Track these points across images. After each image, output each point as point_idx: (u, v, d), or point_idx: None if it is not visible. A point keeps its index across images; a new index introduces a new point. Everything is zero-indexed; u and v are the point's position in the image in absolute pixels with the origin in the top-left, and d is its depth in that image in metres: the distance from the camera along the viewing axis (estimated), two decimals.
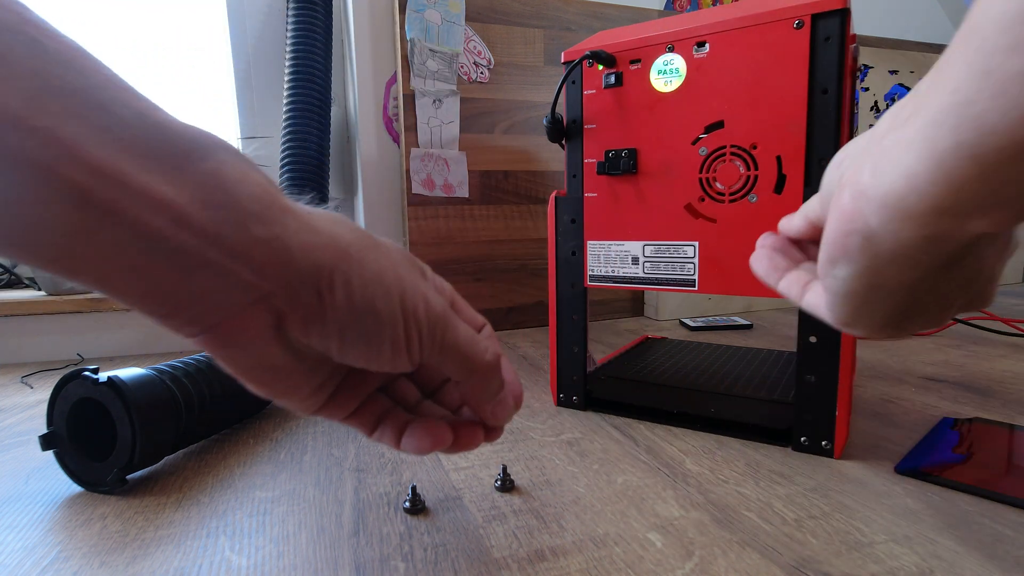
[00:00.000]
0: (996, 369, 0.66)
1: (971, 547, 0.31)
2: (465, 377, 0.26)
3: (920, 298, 0.22)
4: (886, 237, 0.19)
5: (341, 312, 0.21)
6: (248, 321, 0.21)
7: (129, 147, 0.17)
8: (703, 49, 0.43)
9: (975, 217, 0.17)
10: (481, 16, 0.92)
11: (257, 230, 0.19)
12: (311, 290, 0.21)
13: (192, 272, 0.19)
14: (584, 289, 0.52)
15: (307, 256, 0.20)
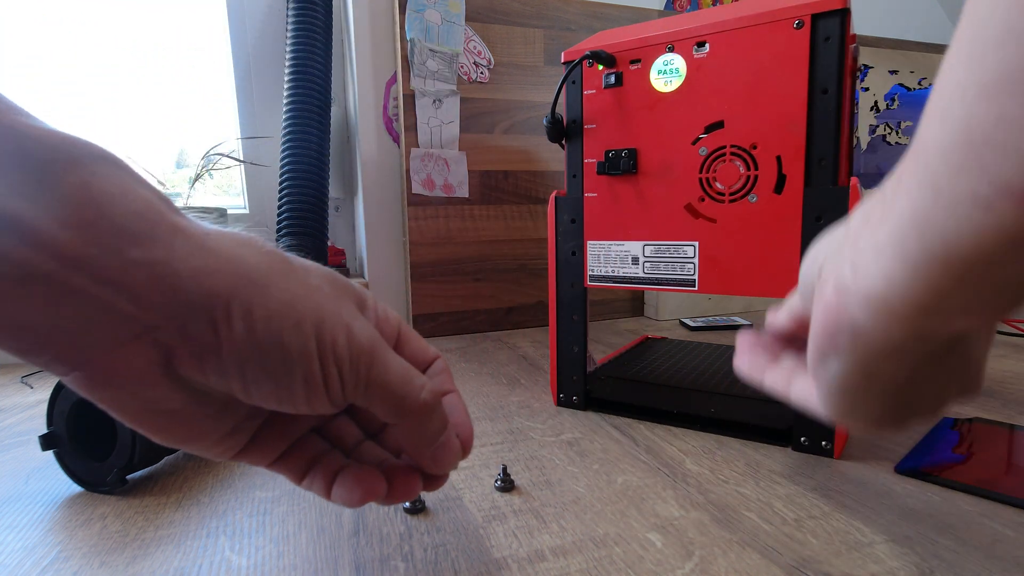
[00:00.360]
0: (996, 369, 0.66)
1: (971, 547, 0.31)
2: (396, 419, 0.22)
3: (915, 391, 0.21)
4: (875, 334, 0.18)
5: (240, 346, 0.18)
6: (128, 358, 0.18)
7: None
8: (703, 49, 0.43)
9: (958, 316, 0.16)
10: (481, 16, 0.92)
11: (135, 253, 0.17)
12: (204, 321, 0.18)
13: (54, 302, 0.16)
14: (584, 289, 0.52)
15: (198, 282, 0.18)
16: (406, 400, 0.22)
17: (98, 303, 0.17)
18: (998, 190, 0.13)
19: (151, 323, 0.18)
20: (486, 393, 0.61)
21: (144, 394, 0.19)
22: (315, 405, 0.20)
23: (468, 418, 0.27)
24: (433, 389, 0.23)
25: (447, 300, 0.94)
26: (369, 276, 0.96)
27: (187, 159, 1.05)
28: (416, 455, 0.24)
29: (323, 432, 0.26)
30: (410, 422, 0.23)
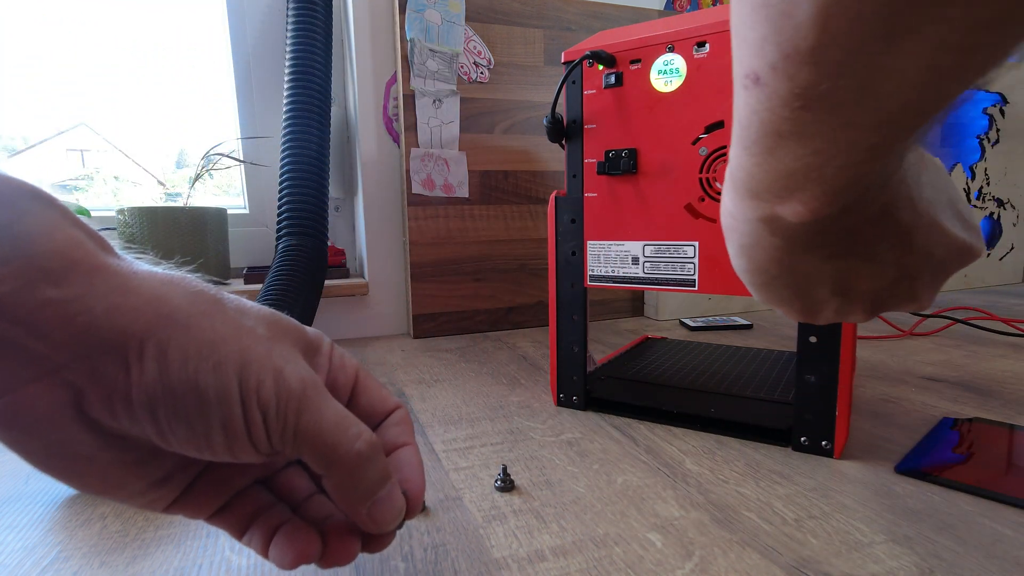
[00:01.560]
0: (996, 369, 0.66)
1: (971, 547, 0.31)
2: (326, 470, 0.21)
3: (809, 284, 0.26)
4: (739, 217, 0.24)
5: (152, 388, 0.18)
6: (34, 399, 0.17)
7: None
8: (703, 49, 0.43)
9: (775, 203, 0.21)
10: (481, 16, 0.92)
11: (49, 291, 0.17)
12: (116, 361, 0.17)
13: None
14: (584, 289, 0.52)
15: (113, 321, 0.17)
16: (337, 449, 0.21)
17: (5, 341, 0.16)
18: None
19: (60, 362, 0.17)
20: (486, 393, 0.61)
21: (52, 436, 0.18)
22: (238, 453, 0.19)
23: (421, 474, 0.25)
24: (371, 440, 0.22)
25: (447, 300, 0.94)
26: (369, 276, 0.96)
27: (187, 159, 1.05)
28: (350, 511, 0.22)
29: (271, 483, 0.24)
30: (341, 474, 0.21)
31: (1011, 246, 1.40)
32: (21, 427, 0.17)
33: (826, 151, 0.19)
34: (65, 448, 0.18)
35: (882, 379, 0.63)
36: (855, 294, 0.27)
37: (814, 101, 0.17)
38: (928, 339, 0.82)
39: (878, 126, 0.18)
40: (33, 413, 0.17)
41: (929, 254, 0.25)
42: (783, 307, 0.28)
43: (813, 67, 0.16)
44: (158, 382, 0.18)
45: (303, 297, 0.68)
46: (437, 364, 0.75)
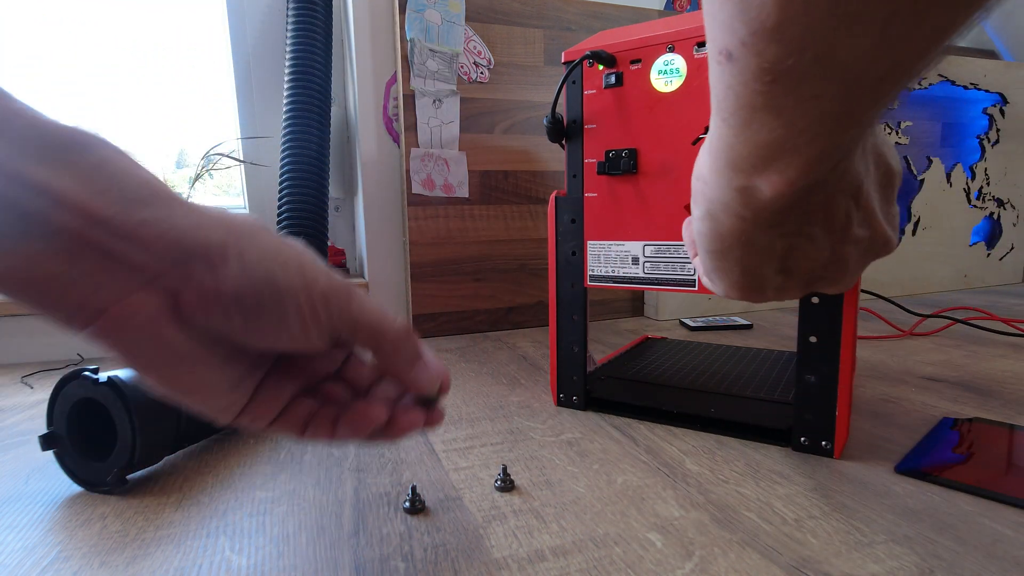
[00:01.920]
0: (996, 369, 0.66)
1: (971, 547, 0.31)
2: (378, 343, 0.26)
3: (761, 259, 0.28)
4: (713, 185, 0.26)
5: (238, 283, 0.21)
6: (139, 305, 0.20)
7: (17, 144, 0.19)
8: (703, 49, 0.43)
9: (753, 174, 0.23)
10: (481, 16, 0.92)
11: (144, 213, 0.20)
12: (203, 265, 0.21)
13: (78, 256, 0.19)
14: (584, 289, 0.52)
15: (197, 234, 0.21)
16: (383, 326, 0.25)
17: (115, 255, 0.20)
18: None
19: (158, 271, 0.21)
20: (486, 393, 0.61)
21: (156, 338, 0.21)
22: (310, 337, 0.24)
23: (439, 361, 0.29)
24: (405, 322, 0.27)
25: (447, 300, 0.94)
26: (369, 276, 0.96)
27: (187, 159, 1.05)
28: (401, 375, 0.27)
29: (316, 395, 0.28)
30: (389, 346, 0.26)
31: (1011, 246, 1.40)
32: (130, 329, 0.21)
33: (798, 123, 0.20)
34: (167, 350, 0.22)
35: (882, 379, 0.63)
36: (796, 273, 0.29)
37: (782, 75, 0.19)
38: (928, 339, 0.82)
39: (842, 96, 0.19)
40: (139, 318, 0.21)
41: (859, 241, 0.28)
42: (726, 280, 0.30)
43: (778, 43, 0.18)
44: (241, 278, 0.21)
45: None
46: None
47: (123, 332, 0.21)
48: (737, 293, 0.31)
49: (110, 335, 0.21)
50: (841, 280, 0.30)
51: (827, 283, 0.31)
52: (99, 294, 0.20)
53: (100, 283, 0.20)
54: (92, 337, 0.21)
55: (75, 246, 0.19)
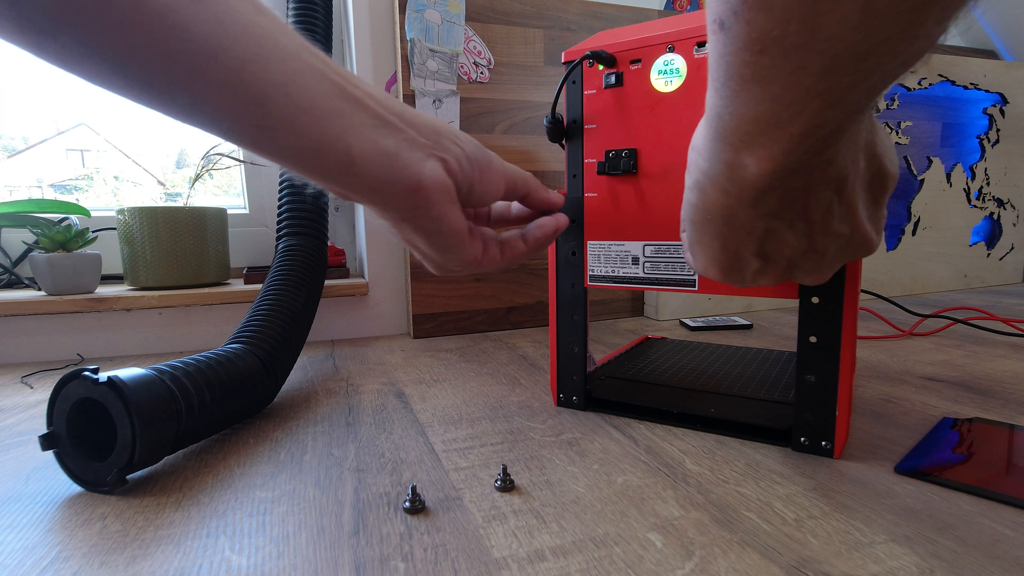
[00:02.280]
0: (996, 369, 0.66)
1: (971, 547, 0.31)
2: (527, 191, 0.42)
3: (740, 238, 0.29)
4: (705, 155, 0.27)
5: (470, 150, 0.35)
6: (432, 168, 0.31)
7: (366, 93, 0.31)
8: (703, 49, 0.43)
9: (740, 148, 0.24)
10: (481, 16, 0.92)
11: (413, 114, 0.33)
12: (449, 140, 0.33)
13: (387, 126, 0.30)
14: (584, 289, 0.52)
15: (439, 123, 0.34)
16: (529, 182, 0.43)
17: (410, 138, 0.31)
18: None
19: (431, 145, 0.32)
20: (486, 393, 0.61)
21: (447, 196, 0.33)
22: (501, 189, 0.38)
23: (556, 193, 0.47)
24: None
25: (447, 300, 0.94)
26: (369, 276, 0.96)
27: (187, 159, 1.05)
28: (546, 203, 0.45)
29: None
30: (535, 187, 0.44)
31: (1011, 246, 1.40)
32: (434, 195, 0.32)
33: (783, 97, 0.21)
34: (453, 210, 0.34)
35: (882, 379, 0.63)
36: (773, 258, 0.30)
37: (770, 45, 0.19)
38: (928, 339, 0.82)
39: (829, 70, 0.20)
40: (436, 179, 0.32)
41: (838, 236, 0.29)
42: (706, 255, 0.32)
43: (767, 12, 0.19)
44: (470, 146, 0.35)
45: (303, 297, 0.68)
46: (437, 364, 0.75)
47: (431, 192, 0.31)
48: (716, 271, 0.32)
49: (425, 195, 0.31)
50: (818, 271, 0.31)
51: (804, 273, 0.31)
52: (408, 163, 0.30)
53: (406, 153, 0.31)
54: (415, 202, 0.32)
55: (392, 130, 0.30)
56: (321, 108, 0.27)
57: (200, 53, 0.24)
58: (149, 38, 0.23)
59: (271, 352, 0.57)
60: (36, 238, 0.84)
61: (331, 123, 0.28)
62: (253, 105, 0.26)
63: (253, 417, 0.55)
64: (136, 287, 0.89)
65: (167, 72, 0.24)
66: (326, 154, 0.28)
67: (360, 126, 0.29)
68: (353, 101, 0.29)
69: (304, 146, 0.28)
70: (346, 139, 0.28)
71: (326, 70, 0.28)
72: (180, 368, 0.46)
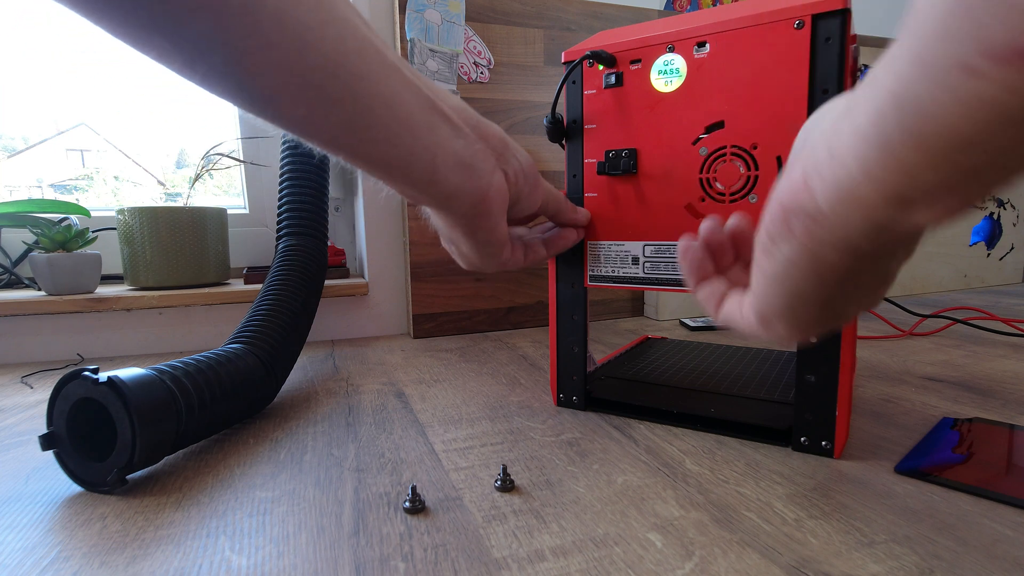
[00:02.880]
0: (996, 369, 0.66)
1: (971, 547, 0.31)
2: (559, 207, 0.46)
3: (844, 292, 0.22)
4: (833, 221, 0.19)
5: (526, 164, 0.38)
6: (499, 179, 0.34)
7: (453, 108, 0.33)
8: (703, 49, 0.43)
9: (923, 206, 0.17)
10: (481, 16, 0.92)
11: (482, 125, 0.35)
12: (510, 154, 0.36)
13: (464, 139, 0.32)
14: (584, 289, 0.52)
15: (504, 136, 0.36)
16: (561, 200, 0.47)
17: (482, 150, 0.34)
18: (991, 55, 0.13)
19: (497, 157, 0.35)
20: (486, 393, 0.61)
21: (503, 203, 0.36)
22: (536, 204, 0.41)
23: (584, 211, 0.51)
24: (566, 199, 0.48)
25: (447, 300, 0.94)
26: (369, 276, 0.96)
27: (187, 159, 1.05)
28: (571, 219, 0.49)
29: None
30: (566, 206, 0.47)
31: (1011, 246, 1.40)
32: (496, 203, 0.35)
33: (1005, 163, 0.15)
34: (503, 228, 0.37)
35: (882, 379, 0.63)
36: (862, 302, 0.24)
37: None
38: (928, 339, 0.82)
39: None
40: (499, 189, 0.35)
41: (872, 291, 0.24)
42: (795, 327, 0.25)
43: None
44: (526, 161, 0.38)
45: (303, 297, 0.68)
46: (437, 364, 0.75)
47: (495, 201, 0.34)
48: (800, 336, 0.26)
49: (489, 204, 0.34)
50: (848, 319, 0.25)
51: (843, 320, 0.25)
52: (480, 174, 0.33)
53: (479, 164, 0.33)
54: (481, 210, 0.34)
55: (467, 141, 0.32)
56: (417, 122, 0.29)
57: (323, 70, 0.25)
58: (284, 57, 0.24)
59: (271, 352, 0.57)
60: (36, 238, 0.84)
61: (423, 135, 0.29)
62: (359, 118, 0.27)
63: (253, 417, 0.55)
64: (136, 287, 0.89)
65: (291, 88, 0.25)
66: (414, 165, 0.30)
67: (445, 139, 0.30)
68: (440, 114, 0.30)
69: (397, 155, 0.29)
70: (432, 151, 0.30)
71: (419, 83, 0.29)
72: (180, 368, 0.46)
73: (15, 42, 0.88)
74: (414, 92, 0.29)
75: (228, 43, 0.23)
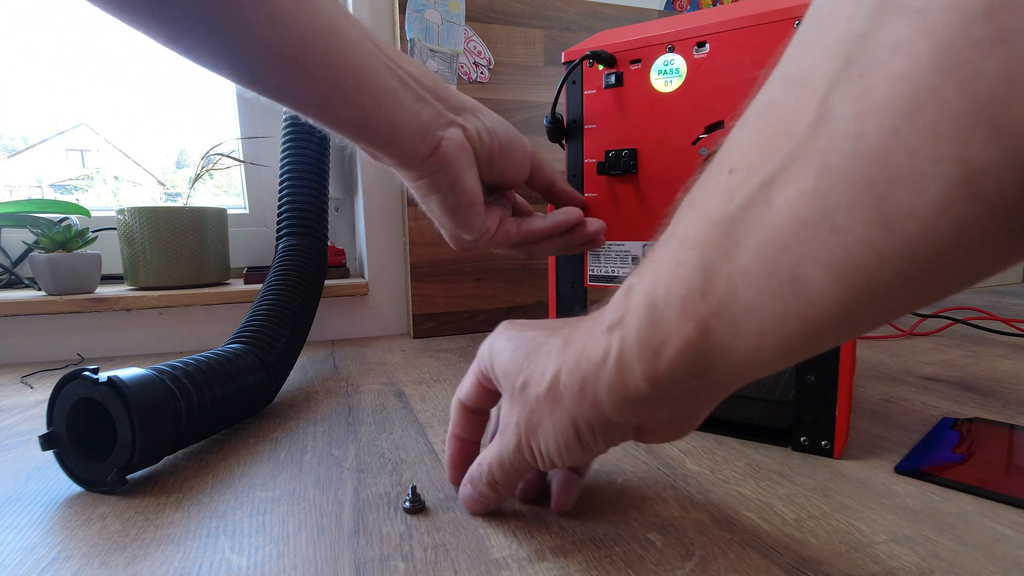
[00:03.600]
0: (996, 369, 0.66)
1: (971, 547, 0.31)
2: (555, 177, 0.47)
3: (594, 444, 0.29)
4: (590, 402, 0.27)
5: (492, 123, 0.38)
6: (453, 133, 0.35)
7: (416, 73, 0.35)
8: (703, 49, 0.43)
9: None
10: (481, 16, 0.92)
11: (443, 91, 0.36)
12: (472, 114, 0.37)
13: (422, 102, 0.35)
14: (584, 289, 0.52)
15: (466, 100, 0.38)
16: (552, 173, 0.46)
17: (434, 108, 0.35)
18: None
19: (454, 114, 0.36)
20: None
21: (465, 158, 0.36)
22: (524, 170, 0.42)
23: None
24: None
25: (447, 300, 0.94)
26: (369, 276, 0.96)
27: (187, 159, 1.05)
28: (570, 197, 0.49)
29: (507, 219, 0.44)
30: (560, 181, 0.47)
31: None
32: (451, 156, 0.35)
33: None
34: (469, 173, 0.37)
35: (882, 379, 0.63)
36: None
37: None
38: (928, 339, 0.82)
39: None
40: (455, 142, 0.35)
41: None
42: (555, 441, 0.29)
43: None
44: (493, 121, 0.38)
45: (303, 297, 0.68)
46: (437, 364, 0.75)
47: (448, 151, 0.35)
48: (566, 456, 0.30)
49: (442, 155, 0.35)
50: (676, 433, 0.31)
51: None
52: (433, 130, 0.35)
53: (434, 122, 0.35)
54: (433, 161, 0.35)
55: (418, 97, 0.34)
56: (381, 89, 0.33)
57: (298, 46, 0.29)
58: (262, 34, 0.28)
59: (271, 352, 0.57)
60: (36, 238, 0.84)
61: (384, 100, 0.33)
62: (329, 87, 0.31)
63: (253, 417, 0.55)
64: (136, 287, 0.89)
65: (266, 61, 0.29)
66: (376, 126, 0.33)
67: (405, 102, 0.34)
68: (400, 81, 0.34)
69: (361, 119, 0.33)
70: (392, 114, 0.33)
71: (379, 53, 0.33)
72: (180, 368, 0.46)
73: (15, 42, 0.88)
74: (377, 61, 0.33)
75: (212, 24, 0.28)
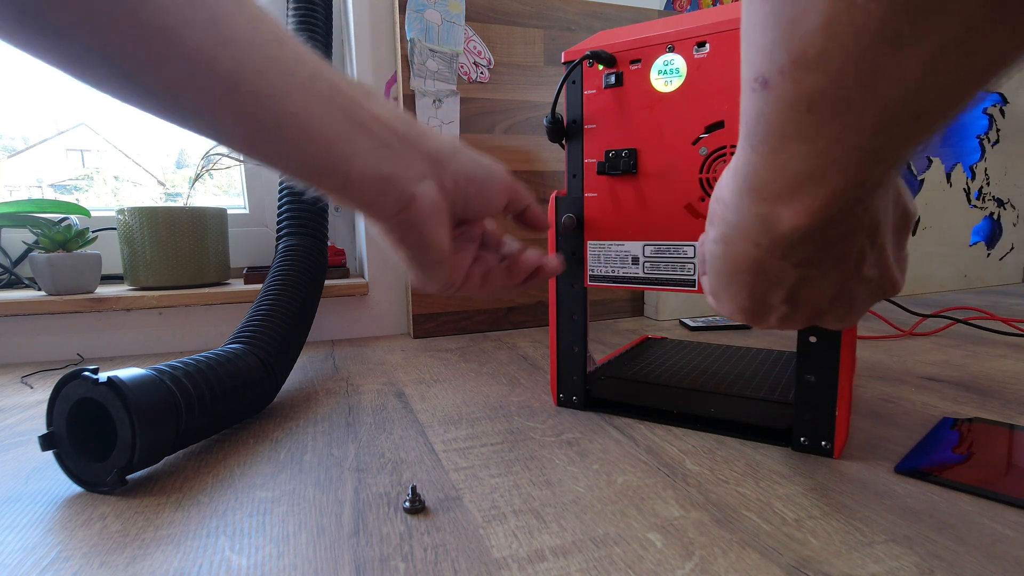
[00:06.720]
0: (996, 369, 0.66)
1: (971, 547, 0.31)
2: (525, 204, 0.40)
3: (769, 288, 0.28)
4: (733, 208, 0.25)
5: (468, 167, 0.34)
6: (427, 187, 0.32)
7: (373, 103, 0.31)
8: (703, 49, 0.43)
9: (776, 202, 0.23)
10: (481, 16, 0.92)
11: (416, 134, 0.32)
12: (448, 159, 0.33)
13: (387, 149, 0.31)
14: (584, 289, 0.52)
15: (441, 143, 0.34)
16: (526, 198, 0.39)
17: (407, 157, 0.31)
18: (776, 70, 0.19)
19: (429, 165, 0.32)
20: (486, 393, 0.61)
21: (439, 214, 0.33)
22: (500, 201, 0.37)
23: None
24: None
25: (447, 300, 0.94)
26: (369, 276, 0.96)
27: (187, 159, 1.05)
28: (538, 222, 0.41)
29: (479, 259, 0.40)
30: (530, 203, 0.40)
31: (1011, 246, 1.40)
32: (425, 211, 0.32)
33: (829, 153, 0.20)
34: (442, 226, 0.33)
35: (882, 379, 0.63)
36: (802, 305, 0.29)
37: (819, 105, 0.18)
38: (928, 339, 0.82)
39: (880, 129, 0.18)
40: (428, 197, 0.32)
41: (869, 281, 0.28)
42: (731, 305, 0.30)
43: (820, 72, 0.18)
44: (469, 164, 0.34)
45: (303, 297, 0.68)
46: (437, 364, 0.75)
47: (421, 211, 0.32)
48: (741, 316, 0.31)
49: (415, 213, 0.32)
50: (846, 317, 0.30)
51: (832, 318, 0.30)
52: (403, 185, 0.31)
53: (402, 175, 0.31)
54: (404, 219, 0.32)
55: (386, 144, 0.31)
56: (329, 134, 0.29)
57: (221, 87, 0.26)
58: (182, 73, 0.25)
59: (271, 352, 0.57)
60: (36, 238, 0.84)
61: (336, 147, 0.30)
62: (268, 132, 0.28)
63: (253, 417, 0.55)
64: (136, 287, 0.89)
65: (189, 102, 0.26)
66: (329, 173, 0.30)
67: (362, 149, 0.30)
68: (358, 125, 0.30)
69: (310, 164, 0.30)
70: (347, 162, 0.30)
71: (335, 95, 0.30)
72: (180, 368, 0.46)
73: None
74: (328, 105, 0.29)
75: (109, 59, 0.23)
